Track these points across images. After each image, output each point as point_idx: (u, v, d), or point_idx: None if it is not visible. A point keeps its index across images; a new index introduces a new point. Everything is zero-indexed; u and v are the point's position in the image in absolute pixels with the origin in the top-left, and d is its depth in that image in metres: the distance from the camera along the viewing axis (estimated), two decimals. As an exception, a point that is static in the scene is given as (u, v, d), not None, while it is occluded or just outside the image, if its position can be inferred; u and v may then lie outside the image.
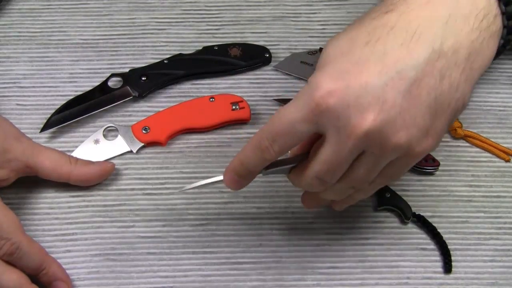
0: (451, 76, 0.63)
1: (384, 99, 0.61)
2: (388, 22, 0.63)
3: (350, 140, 0.62)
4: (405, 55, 0.61)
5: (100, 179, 0.82)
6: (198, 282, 0.77)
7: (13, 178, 0.79)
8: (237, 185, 0.71)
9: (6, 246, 0.72)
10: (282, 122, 0.64)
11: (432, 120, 0.63)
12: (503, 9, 0.65)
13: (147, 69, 0.89)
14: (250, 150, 0.68)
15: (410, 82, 0.61)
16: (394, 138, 0.62)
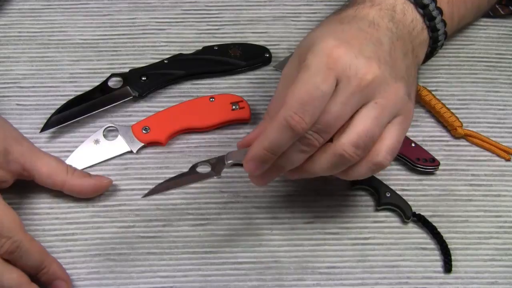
0: (409, 57, 0.74)
1: (378, 55, 0.70)
2: (349, 14, 0.75)
3: (359, 88, 0.68)
4: (377, 33, 0.72)
5: (95, 193, 0.81)
6: (198, 282, 0.77)
7: (11, 180, 0.79)
8: (260, 170, 0.71)
9: (7, 244, 0.72)
10: (308, 90, 0.67)
11: (410, 87, 0.72)
12: (427, 24, 0.78)
13: (147, 69, 0.89)
14: (277, 133, 0.68)
15: (388, 48, 0.71)
16: (396, 85, 0.70)
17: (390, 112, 0.70)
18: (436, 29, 0.79)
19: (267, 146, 0.69)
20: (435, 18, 0.78)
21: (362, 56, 0.68)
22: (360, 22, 0.73)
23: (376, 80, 0.68)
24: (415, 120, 0.87)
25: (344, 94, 0.68)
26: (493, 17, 0.95)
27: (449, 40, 0.93)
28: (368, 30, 0.72)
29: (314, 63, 0.68)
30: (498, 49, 0.94)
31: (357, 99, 0.68)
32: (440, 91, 0.89)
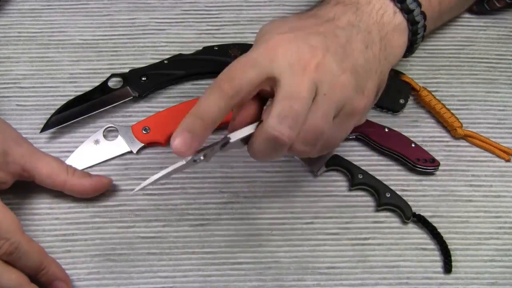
0: (372, 49, 0.72)
1: (327, 46, 0.69)
2: (308, 13, 0.75)
3: (305, 73, 0.67)
4: (333, 26, 0.71)
5: (95, 193, 0.81)
6: (198, 282, 0.77)
7: (11, 181, 0.79)
8: (189, 145, 0.65)
9: (6, 245, 0.72)
10: (239, 59, 0.68)
11: (366, 80, 0.71)
12: (399, 6, 0.76)
13: (147, 69, 0.89)
14: (206, 96, 0.66)
15: (343, 41, 0.70)
16: (342, 76, 0.68)
17: (336, 104, 0.68)
18: (415, 21, 0.77)
19: (196, 111, 0.66)
20: (413, 10, 0.76)
21: (306, 44, 0.68)
22: (317, 19, 0.72)
23: (320, 68, 0.68)
24: (415, 120, 0.88)
25: (292, 79, 0.67)
26: (489, 11, 0.94)
27: (449, 41, 0.94)
28: (323, 24, 0.71)
29: (254, 47, 0.69)
30: (498, 49, 0.93)
31: (307, 83, 0.67)
32: (440, 92, 0.89)
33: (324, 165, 0.84)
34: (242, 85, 0.66)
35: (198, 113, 0.66)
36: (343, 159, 0.84)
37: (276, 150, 0.68)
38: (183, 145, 0.65)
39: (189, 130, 0.65)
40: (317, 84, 0.67)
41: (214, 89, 0.66)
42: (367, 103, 0.72)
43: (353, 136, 0.86)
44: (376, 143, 0.85)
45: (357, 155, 0.85)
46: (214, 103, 0.66)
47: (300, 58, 0.67)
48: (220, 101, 0.66)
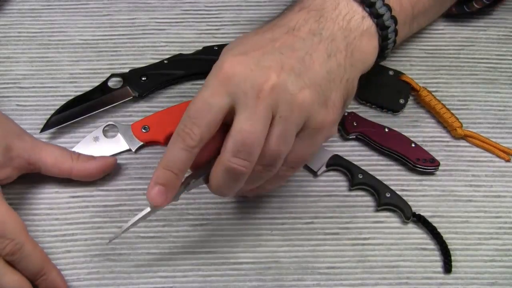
0: (336, 57, 0.71)
1: (283, 63, 0.68)
2: (270, 23, 0.73)
3: (259, 100, 0.66)
4: (292, 38, 0.70)
5: (102, 174, 0.82)
6: (197, 282, 0.77)
7: (16, 175, 0.79)
8: (164, 197, 0.69)
9: (10, 246, 0.72)
10: (195, 104, 0.67)
11: (329, 92, 0.70)
12: (367, 11, 0.74)
13: (147, 69, 0.89)
14: (171, 148, 0.68)
15: (302, 54, 0.69)
16: (299, 94, 0.67)
17: (295, 124, 0.68)
18: (385, 26, 0.75)
19: (165, 164, 0.68)
20: (382, 15, 0.75)
21: (259, 67, 0.67)
22: (276, 31, 0.71)
23: (275, 90, 0.67)
24: (415, 120, 0.88)
25: (246, 109, 0.66)
26: (467, 12, 0.94)
27: (449, 41, 0.93)
28: (280, 38, 0.70)
29: (209, 79, 0.68)
30: (498, 50, 0.93)
31: (262, 112, 0.66)
32: (441, 92, 0.89)
33: (324, 165, 0.84)
34: (203, 134, 0.67)
35: (167, 166, 0.68)
36: (343, 159, 0.84)
37: (235, 180, 0.69)
38: (158, 198, 0.69)
39: (161, 183, 0.68)
40: (273, 107, 0.67)
41: (178, 142, 0.67)
42: (333, 115, 0.71)
43: (353, 136, 0.86)
44: (376, 143, 0.85)
45: (357, 155, 0.85)
46: (179, 155, 0.67)
47: (253, 84, 0.67)
48: (184, 154, 0.68)
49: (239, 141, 0.66)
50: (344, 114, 0.86)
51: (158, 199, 0.69)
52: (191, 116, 0.67)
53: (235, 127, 0.67)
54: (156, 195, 0.69)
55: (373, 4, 0.75)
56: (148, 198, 0.69)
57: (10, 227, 0.73)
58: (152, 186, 0.69)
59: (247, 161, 0.67)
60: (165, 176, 0.68)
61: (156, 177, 0.69)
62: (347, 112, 0.86)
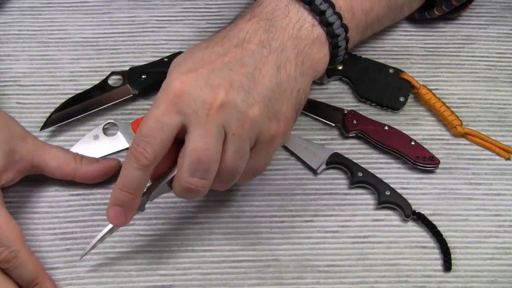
0: (286, 69, 0.71)
1: (232, 80, 0.68)
2: (221, 33, 0.73)
3: (209, 118, 0.67)
4: (241, 52, 0.70)
5: (105, 176, 0.82)
6: (197, 280, 0.77)
7: (19, 178, 0.79)
8: (122, 217, 0.70)
9: (5, 253, 0.72)
10: (147, 123, 0.67)
11: (279, 105, 0.70)
12: (317, 19, 0.74)
13: (147, 67, 0.89)
14: (126, 168, 0.68)
15: (251, 69, 0.69)
16: (249, 111, 0.68)
17: (248, 139, 0.69)
18: (335, 35, 0.75)
19: (121, 185, 0.69)
20: (332, 23, 0.75)
21: (208, 86, 0.67)
22: (226, 44, 0.71)
23: (225, 108, 0.67)
24: (415, 118, 0.88)
25: (198, 128, 0.67)
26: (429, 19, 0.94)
27: (449, 39, 0.93)
28: (229, 52, 0.70)
29: (159, 97, 0.68)
30: (498, 48, 0.93)
31: (214, 130, 0.67)
32: (441, 90, 0.89)
33: (324, 163, 0.84)
34: (156, 152, 0.67)
35: (123, 187, 0.69)
36: (343, 157, 0.84)
37: (195, 195, 0.70)
38: (118, 218, 0.70)
39: (119, 204, 0.69)
40: (225, 124, 0.67)
41: (132, 162, 0.67)
42: (285, 127, 0.72)
43: (353, 134, 0.86)
44: (376, 141, 0.85)
45: (357, 153, 0.85)
46: (135, 174, 0.68)
47: (203, 103, 0.67)
48: (139, 173, 0.68)
49: (195, 160, 0.67)
50: (344, 112, 0.86)
51: (117, 220, 0.70)
52: (143, 135, 0.67)
53: (188, 146, 0.67)
54: (115, 217, 0.70)
55: (323, 13, 0.74)
56: (108, 219, 0.71)
57: (6, 234, 0.72)
58: (110, 207, 0.70)
59: (205, 180, 0.68)
60: (122, 197, 0.69)
61: (113, 198, 0.69)
62: (347, 110, 0.86)
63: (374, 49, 0.92)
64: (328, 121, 0.87)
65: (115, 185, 0.69)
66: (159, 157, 0.68)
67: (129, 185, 0.68)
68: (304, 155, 0.84)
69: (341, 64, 0.88)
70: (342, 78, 0.90)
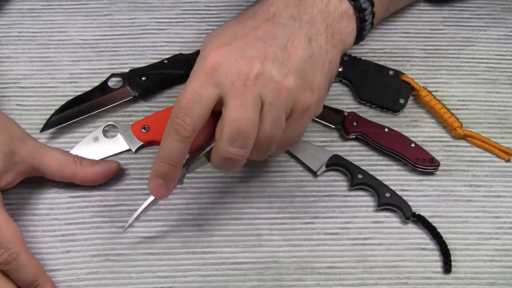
0: (317, 41, 0.72)
1: (266, 52, 0.69)
2: (252, 9, 0.74)
3: (247, 88, 0.68)
4: (273, 26, 0.72)
5: (106, 178, 0.82)
6: (197, 282, 0.77)
7: (19, 180, 0.79)
8: (164, 189, 0.72)
9: (5, 255, 0.72)
10: (185, 96, 0.69)
11: (312, 76, 0.72)
12: None
13: (147, 69, 0.89)
14: (166, 140, 0.70)
15: (284, 42, 0.70)
16: (285, 81, 0.69)
17: (284, 109, 0.70)
18: (362, 8, 0.77)
19: (162, 157, 0.70)
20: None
21: (243, 58, 0.69)
22: (258, 19, 0.72)
23: (261, 78, 0.68)
24: (415, 120, 0.88)
25: (235, 99, 0.68)
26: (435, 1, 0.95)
27: (449, 41, 0.93)
28: (261, 26, 0.72)
29: (196, 71, 0.70)
30: (498, 50, 0.93)
31: (251, 100, 0.68)
32: (441, 92, 0.89)
33: (324, 165, 0.84)
34: (195, 124, 0.69)
35: (164, 159, 0.70)
36: (343, 159, 0.84)
37: (234, 165, 0.71)
38: (159, 190, 0.72)
39: (160, 176, 0.71)
40: (261, 95, 0.68)
41: (172, 134, 0.69)
42: (318, 97, 0.73)
43: (353, 136, 0.86)
44: (376, 143, 0.85)
45: (357, 155, 0.85)
46: (175, 147, 0.69)
47: (239, 74, 0.68)
48: (180, 144, 0.69)
49: (234, 130, 0.68)
50: (344, 114, 0.86)
51: (159, 192, 0.72)
52: (182, 107, 0.68)
53: (227, 116, 0.68)
54: (156, 189, 0.72)
55: None
56: (150, 191, 0.72)
57: (6, 236, 0.72)
58: (151, 179, 0.71)
59: (243, 149, 0.69)
60: (163, 169, 0.70)
61: (154, 170, 0.71)
62: (347, 112, 0.86)
63: (374, 51, 0.92)
64: (328, 123, 0.87)
65: (155, 158, 0.70)
66: (198, 129, 0.69)
67: (170, 157, 0.70)
68: (304, 157, 0.84)
69: (341, 66, 0.88)
70: (342, 80, 0.90)
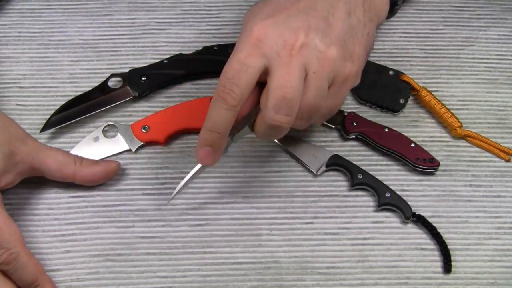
0: (355, 14, 0.75)
1: (309, 23, 0.72)
2: None
3: (292, 58, 0.70)
4: (313, 1, 0.74)
5: (106, 178, 0.82)
6: (197, 282, 0.77)
7: (19, 180, 0.79)
8: (212, 157, 0.73)
9: (5, 255, 0.72)
10: (232, 66, 0.71)
11: (353, 46, 0.74)
12: None
13: (147, 69, 0.89)
14: (213, 109, 0.72)
15: (325, 14, 0.73)
16: (328, 51, 0.72)
17: (327, 78, 0.72)
18: None
19: (210, 125, 0.72)
20: None
21: (287, 28, 0.71)
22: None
23: (306, 48, 0.71)
24: (415, 120, 0.88)
25: (281, 68, 0.70)
26: None
27: (449, 41, 0.94)
28: (305, 1, 0.73)
29: (241, 43, 0.72)
30: (498, 50, 0.93)
31: (296, 68, 0.70)
32: (441, 92, 0.89)
33: (324, 165, 0.84)
34: (242, 93, 0.71)
35: (212, 127, 0.72)
36: (343, 159, 0.84)
37: (278, 133, 0.73)
38: (207, 158, 0.74)
39: (208, 144, 0.73)
40: (306, 64, 0.71)
41: (219, 103, 0.71)
42: (358, 67, 0.75)
43: (353, 136, 0.86)
44: (376, 143, 0.85)
45: (357, 155, 0.85)
46: (222, 115, 0.71)
47: (285, 44, 0.71)
48: (227, 113, 0.71)
49: (280, 98, 0.70)
50: (344, 114, 0.86)
51: (207, 160, 0.74)
52: (229, 77, 0.70)
53: (273, 85, 0.70)
54: (205, 157, 0.74)
55: None
56: (197, 160, 0.74)
57: (6, 237, 0.72)
58: (199, 148, 0.73)
59: (289, 117, 0.71)
60: (211, 137, 0.72)
61: (202, 139, 0.73)
62: (347, 112, 0.86)
63: (374, 51, 0.92)
64: (328, 123, 0.87)
65: (202, 127, 0.72)
66: (244, 98, 0.71)
67: (217, 126, 0.72)
68: (304, 157, 0.84)
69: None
70: (342, 80, 0.90)
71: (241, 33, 0.73)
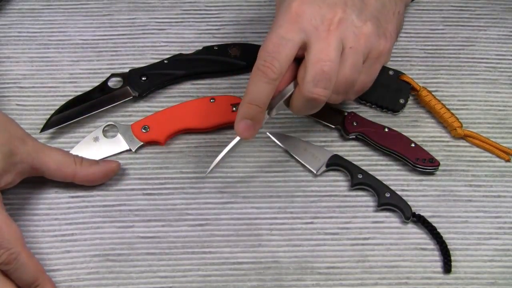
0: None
1: (345, 1, 0.74)
2: None
3: (330, 33, 0.73)
4: None
5: (106, 178, 0.82)
6: (197, 282, 0.77)
7: (19, 180, 0.79)
8: (252, 130, 0.75)
9: (5, 255, 0.72)
10: (272, 40, 0.73)
11: (386, 24, 0.77)
12: None
13: (147, 69, 0.89)
14: (253, 83, 0.74)
15: None
16: (364, 27, 0.74)
17: (362, 53, 0.74)
18: None
19: (250, 99, 0.74)
20: None
21: (325, 4, 0.73)
22: None
23: (343, 23, 0.73)
24: (415, 120, 0.88)
25: (319, 42, 0.72)
26: None
27: (449, 41, 0.94)
28: None
29: (280, 18, 0.74)
30: (498, 50, 0.93)
31: (334, 43, 0.72)
32: (441, 92, 0.89)
33: (324, 165, 0.84)
34: (282, 66, 0.73)
35: (251, 101, 0.74)
36: (343, 159, 0.84)
37: (315, 107, 0.76)
38: (246, 131, 0.75)
39: (248, 117, 0.75)
40: (343, 39, 0.73)
41: (259, 76, 0.73)
42: (390, 44, 0.78)
43: (353, 136, 0.86)
44: (376, 143, 0.85)
45: (357, 155, 0.85)
46: (262, 89, 0.73)
47: (323, 19, 0.73)
48: (267, 86, 0.73)
49: (318, 71, 0.72)
50: (344, 114, 0.86)
51: (247, 133, 0.76)
52: (269, 51, 0.73)
53: (311, 58, 0.73)
54: (244, 129, 0.75)
55: None
56: (237, 133, 0.76)
57: (6, 237, 0.72)
58: (239, 121, 0.75)
59: (327, 90, 0.73)
60: (251, 110, 0.74)
61: (242, 112, 0.75)
62: (347, 112, 0.86)
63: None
64: (328, 123, 0.87)
65: (241, 101, 0.74)
66: (284, 71, 0.73)
67: (257, 99, 0.74)
68: (304, 157, 0.84)
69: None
70: (342, 80, 0.90)
71: (278, 10, 0.75)
